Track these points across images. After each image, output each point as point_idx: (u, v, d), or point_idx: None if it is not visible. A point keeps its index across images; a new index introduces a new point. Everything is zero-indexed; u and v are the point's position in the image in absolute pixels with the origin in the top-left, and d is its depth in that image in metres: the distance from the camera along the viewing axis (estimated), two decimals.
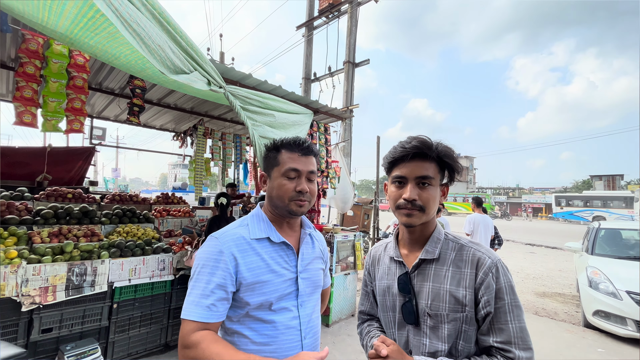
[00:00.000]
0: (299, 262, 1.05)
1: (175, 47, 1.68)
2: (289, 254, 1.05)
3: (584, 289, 4.25)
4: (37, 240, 2.80)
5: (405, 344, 0.98)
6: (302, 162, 1.04)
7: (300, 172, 1.03)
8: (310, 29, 9.47)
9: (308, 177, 1.05)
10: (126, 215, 3.79)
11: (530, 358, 0.83)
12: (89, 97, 4.11)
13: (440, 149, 0.93)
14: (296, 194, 1.02)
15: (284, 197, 1.02)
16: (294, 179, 1.03)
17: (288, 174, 1.03)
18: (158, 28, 1.56)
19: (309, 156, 1.06)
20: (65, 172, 4.78)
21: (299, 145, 1.06)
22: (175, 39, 1.67)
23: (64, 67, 2.35)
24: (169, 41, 1.64)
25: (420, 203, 0.92)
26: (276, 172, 1.05)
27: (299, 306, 1.02)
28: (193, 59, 1.79)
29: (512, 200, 43.08)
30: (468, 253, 0.93)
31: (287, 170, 1.03)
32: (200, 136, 4.72)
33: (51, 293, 2.48)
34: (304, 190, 1.02)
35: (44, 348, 2.50)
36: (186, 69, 1.74)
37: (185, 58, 1.75)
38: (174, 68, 1.67)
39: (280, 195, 1.03)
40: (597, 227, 5.38)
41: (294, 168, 1.03)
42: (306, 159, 1.05)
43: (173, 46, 1.66)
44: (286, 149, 1.06)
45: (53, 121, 2.29)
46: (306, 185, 1.03)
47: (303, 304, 1.03)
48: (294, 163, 1.03)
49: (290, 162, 1.03)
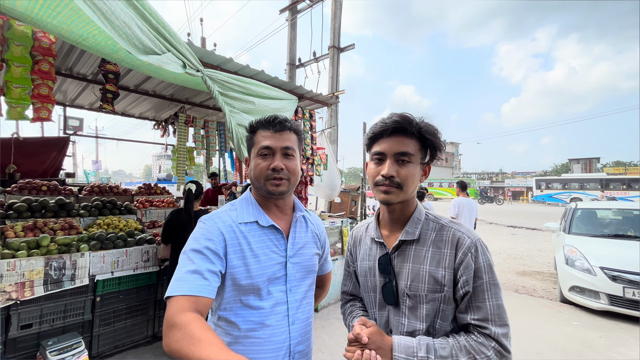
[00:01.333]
0: (289, 246, 1.02)
1: (144, 25, 1.56)
2: (279, 237, 1.01)
3: (561, 267, 4.45)
4: (10, 234, 2.67)
5: (386, 324, 0.98)
6: (276, 138, 1.00)
7: (273, 149, 1.00)
8: (293, 12, 9.21)
9: (285, 153, 1.01)
10: (106, 207, 3.67)
11: (506, 334, 0.84)
12: (60, 84, 3.88)
13: (421, 126, 0.91)
14: (271, 172, 0.98)
15: (260, 178, 1.00)
16: (268, 156, 1.00)
17: (262, 152, 1.00)
18: (123, 3, 1.45)
19: (283, 132, 1.02)
20: (38, 164, 4.56)
21: (272, 122, 1.02)
22: (143, 16, 1.55)
23: (28, 50, 2.18)
24: (137, 18, 1.52)
25: (399, 180, 0.89)
26: (253, 153, 1.03)
27: (288, 291, 0.99)
28: (165, 39, 1.68)
29: (495, 185, 44.32)
30: (448, 233, 0.93)
31: (261, 149, 1.00)
32: (181, 124, 4.56)
33: (28, 288, 2.40)
34: (278, 167, 0.98)
35: (24, 344, 2.43)
36: (157, 50, 1.63)
37: (156, 37, 1.63)
38: (143, 48, 1.56)
39: (256, 176, 1.00)
40: (574, 208, 5.60)
41: (266, 145, 0.99)
42: (280, 135, 1.01)
43: (141, 24, 1.54)
44: (261, 128, 1.03)
45: (18, 108, 2.14)
46: (281, 162, 0.99)
47: (292, 289, 1.00)
48: (267, 140, 1.00)
49: (264, 140, 1.01)
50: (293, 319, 1.00)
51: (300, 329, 1.02)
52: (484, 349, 0.83)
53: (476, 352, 0.82)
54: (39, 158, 4.56)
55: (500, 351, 0.83)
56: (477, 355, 0.82)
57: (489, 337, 0.84)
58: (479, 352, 0.82)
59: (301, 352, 1.02)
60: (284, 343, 0.97)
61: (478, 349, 0.83)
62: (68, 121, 5.54)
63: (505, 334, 0.84)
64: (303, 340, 1.03)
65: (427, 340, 0.86)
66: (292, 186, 1.04)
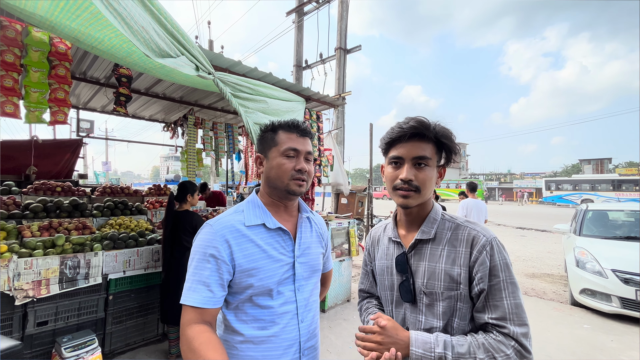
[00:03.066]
0: (296, 247, 1.04)
1: (160, 29, 1.62)
2: (286, 239, 1.04)
3: (572, 269, 4.38)
4: (27, 234, 2.76)
5: (403, 321, 1.00)
6: (301, 142, 1.04)
7: (299, 152, 1.03)
8: (300, 14, 9.26)
9: (306, 158, 1.06)
10: (118, 208, 3.75)
11: (526, 333, 0.83)
12: (74, 88, 3.98)
13: (438, 130, 0.93)
14: (296, 173, 1.01)
15: (283, 177, 1.02)
16: (293, 157, 1.03)
17: (287, 153, 1.02)
18: (141, 9, 1.50)
19: (305, 137, 1.07)
20: (52, 165, 4.68)
21: (297, 126, 1.06)
22: (160, 21, 1.61)
23: (45, 55, 2.26)
24: (153, 23, 1.57)
25: (417, 183, 0.92)
26: (274, 152, 1.04)
27: (296, 290, 1.02)
28: (179, 43, 1.73)
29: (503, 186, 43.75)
30: (464, 232, 0.94)
31: (287, 150, 1.02)
32: (190, 126, 4.63)
33: (45, 286, 2.47)
34: (304, 169, 1.02)
35: (40, 341, 2.50)
36: (172, 53, 1.68)
37: (171, 41, 1.68)
38: (159, 51, 1.61)
39: (279, 175, 1.02)
40: (585, 209, 5.51)
41: (294, 147, 1.03)
42: (304, 139, 1.06)
43: (158, 28, 1.60)
44: (284, 129, 1.06)
45: (36, 112, 2.21)
46: (305, 164, 1.04)
47: (300, 288, 1.03)
48: (293, 143, 1.03)
49: (289, 141, 1.03)
50: (302, 317, 1.03)
51: (308, 325, 1.05)
52: (504, 347, 0.81)
53: (495, 351, 0.81)
54: (54, 159, 4.69)
55: (520, 351, 0.81)
56: (497, 354, 0.81)
57: (508, 337, 0.82)
58: (498, 350, 0.81)
59: (310, 347, 1.05)
60: (295, 340, 1.00)
61: (497, 347, 0.81)
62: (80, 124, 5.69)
63: (525, 334, 0.82)
64: (312, 337, 1.06)
65: (445, 336, 0.86)
66: (308, 188, 1.08)
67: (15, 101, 2.11)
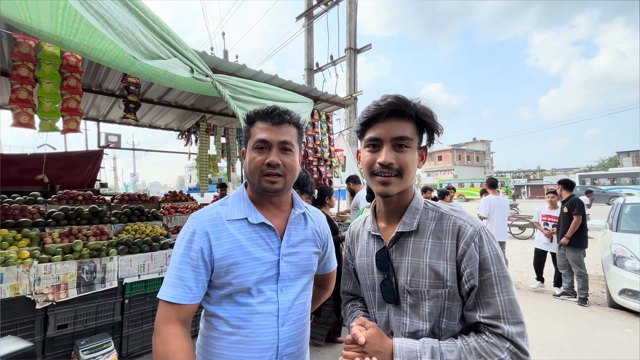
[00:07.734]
0: (283, 245, 0.96)
1: (148, 31, 1.63)
2: (271, 235, 0.96)
3: (609, 268, 4.04)
4: (48, 240, 2.88)
5: (386, 324, 0.90)
6: (273, 131, 0.94)
7: (269, 143, 0.94)
8: (309, 18, 9.32)
9: (282, 148, 0.95)
10: (135, 214, 3.86)
11: (522, 333, 0.74)
12: (93, 99, 4.18)
13: (418, 107, 0.83)
14: (266, 168, 0.92)
15: (254, 173, 0.94)
16: (263, 150, 0.94)
17: (257, 145, 0.94)
18: (125, 10, 1.52)
19: (281, 125, 0.95)
20: (76, 176, 4.94)
21: (270, 113, 0.96)
22: (147, 23, 1.62)
23: (57, 68, 2.38)
24: (140, 25, 1.59)
25: (398, 167, 0.82)
26: (249, 146, 0.97)
27: (279, 291, 0.94)
28: (171, 45, 1.74)
29: (532, 183, 41.58)
30: (449, 222, 0.84)
31: (256, 142, 0.94)
32: (202, 133, 4.73)
33: (63, 290, 2.56)
34: (273, 163, 0.92)
35: (60, 343, 2.58)
36: (163, 55, 1.69)
37: (160, 43, 1.70)
38: (148, 53, 1.62)
39: (251, 171, 0.95)
40: (622, 203, 5.09)
41: (262, 139, 0.93)
42: (278, 128, 0.95)
43: (145, 30, 1.61)
44: (259, 119, 0.97)
45: (50, 121, 2.33)
46: (277, 157, 0.93)
47: (284, 289, 0.95)
48: (263, 133, 0.94)
49: (260, 132, 0.94)
50: (283, 320, 0.94)
51: (290, 330, 0.96)
52: (497, 350, 0.73)
53: (488, 355, 0.73)
54: (77, 170, 4.96)
55: (516, 352, 0.73)
56: (489, 358, 0.73)
57: (502, 337, 0.74)
58: (490, 354, 0.73)
59: (290, 354, 0.96)
60: (272, 344, 0.92)
61: (490, 350, 0.73)
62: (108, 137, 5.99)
63: (521, 333, 0.74)
64: (294, 343, 0.97)
65: (432, 342, 0.77)
66: (288, 183, 0.98)
67: (30, 112, 2.23)
